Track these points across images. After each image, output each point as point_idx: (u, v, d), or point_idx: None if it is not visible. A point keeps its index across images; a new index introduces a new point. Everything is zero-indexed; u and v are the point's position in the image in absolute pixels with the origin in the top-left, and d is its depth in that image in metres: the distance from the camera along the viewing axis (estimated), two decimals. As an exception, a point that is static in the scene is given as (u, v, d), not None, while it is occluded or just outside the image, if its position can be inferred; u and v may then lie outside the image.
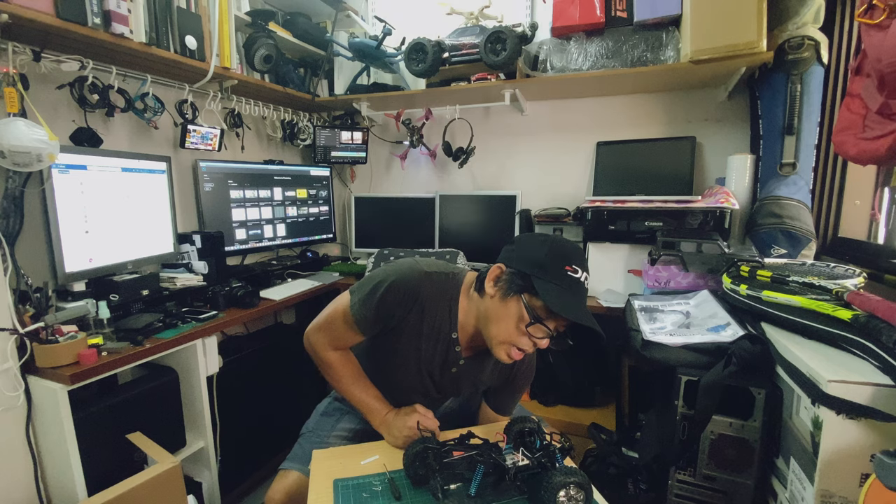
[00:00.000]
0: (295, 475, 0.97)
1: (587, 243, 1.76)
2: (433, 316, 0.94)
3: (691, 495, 1.06)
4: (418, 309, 0.92)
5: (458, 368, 0.98)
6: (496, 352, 0.88)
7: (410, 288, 0.91)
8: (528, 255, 0.85)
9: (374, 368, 1.06)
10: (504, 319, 0.85)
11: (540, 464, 0.76)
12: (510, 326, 0.85)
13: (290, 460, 1.01)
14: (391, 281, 0.90)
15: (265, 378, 1.79)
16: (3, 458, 1.07)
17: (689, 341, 1.09)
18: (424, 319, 0.93)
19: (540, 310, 0.83)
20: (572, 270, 0.82)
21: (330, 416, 1.12)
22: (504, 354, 0.87)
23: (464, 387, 1.03)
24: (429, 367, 0.98)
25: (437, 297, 0.93)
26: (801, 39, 1.40)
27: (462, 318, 0.95)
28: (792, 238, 1.41)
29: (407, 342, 0.95)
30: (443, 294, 0.94)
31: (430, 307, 0.93)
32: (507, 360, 0.88)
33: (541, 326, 0.83)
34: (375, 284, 0.91)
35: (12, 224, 1.17)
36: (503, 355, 0.87)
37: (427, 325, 0.94)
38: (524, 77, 1.80)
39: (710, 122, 1.84)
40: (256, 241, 1.95)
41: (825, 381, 0.76)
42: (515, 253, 0.88)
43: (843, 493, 0.76)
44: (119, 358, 1.13)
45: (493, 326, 0.87)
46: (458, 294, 0.95)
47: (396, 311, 0.91)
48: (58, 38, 1.18)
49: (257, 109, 1.97)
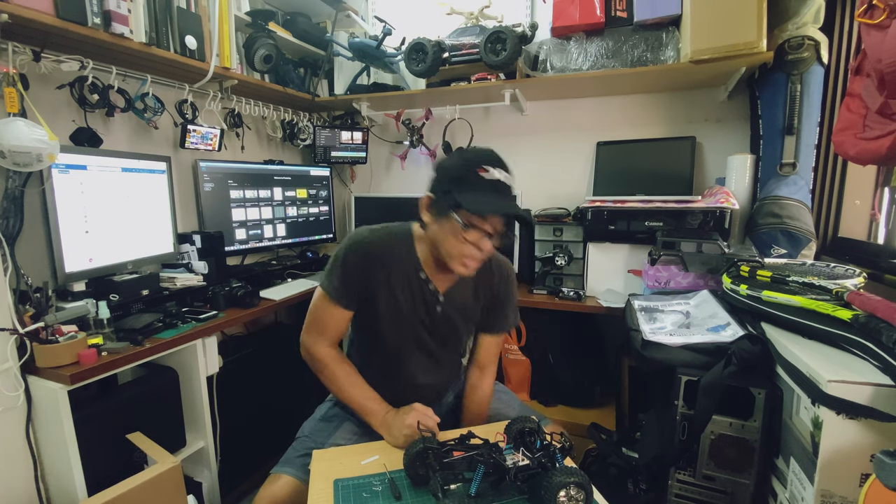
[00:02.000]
0: (285, 479, 0.94)
1: (587, 243, 1.76)
2: (396, 266, 1.01)
3: (691, 495, 1.06)
4: (379, 264, 1.00)
5: (442, 306, 1.05)
6: (453, 267, 0.96)
7: (363, 246, 1.00)
8: (446, 174, 0.94)
9: (368, 351, 1.08)
10: (447, 238, 0.93)
11: (540, 464, 0.76)
12: (453, 241, 0.93)
13: (283, 464, 0.99)
14: (345, 246, 1.00)
15: (265, 378, 1.79)
16: (3, 458, 1.07)
17: (689, 341, 1.09)
18: (391, 272, 1.00)
19: (468, 216, 0.90)
20: (484, 171, 0.89)
21: (329, 421, 1.09)
22: (459, 267, 0.95)
23: (458, 322, 1.08)
24: (416, 316, 1.04)
25: (391, 247, 1.01)
26: (801, 39, 1.40)
27: (423, 258, 1.03)
28: (792, 238, 1.41)
29: (385, 302, 1.01)
30: (394, 243, 1.02)
31: (388, 259, 1.00)
32: (464, 272, 0.96)
33: (474, 231, 0.91)
34: (334, 258, 1.01)
35: (12, 224, 1.16)
36: (459, 268, 0.95)
37: (395, 276, 1.01)
38: (524, 77, 1.80)
39: (710, 122, 1.84)
40: (256, 241, 1.95)
41: (825, 381, 0.76)
42: (436, 177, 0.96)
43: (843, 493, 0.76)
44: (119, 358, 1.13)
45: (441, 248, 0.95)
46: (412, 239, 1.04)
47: (361, 273, 0.99)
48: (58, 38, 1.18)
49: (257, 109, 1.97)
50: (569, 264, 1.81)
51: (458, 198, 0.88)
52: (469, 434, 0.85)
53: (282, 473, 0.96)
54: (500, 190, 0.90)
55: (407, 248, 1.03)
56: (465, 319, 1.09)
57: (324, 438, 1.04)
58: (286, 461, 1.00)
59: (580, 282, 1.80)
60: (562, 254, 1.81)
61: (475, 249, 0.93)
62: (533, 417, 0.90)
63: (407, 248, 1.03)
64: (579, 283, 1.80)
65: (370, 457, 0.89)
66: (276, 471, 0.98)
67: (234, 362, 1.62)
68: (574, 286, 1.79)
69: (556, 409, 1.84)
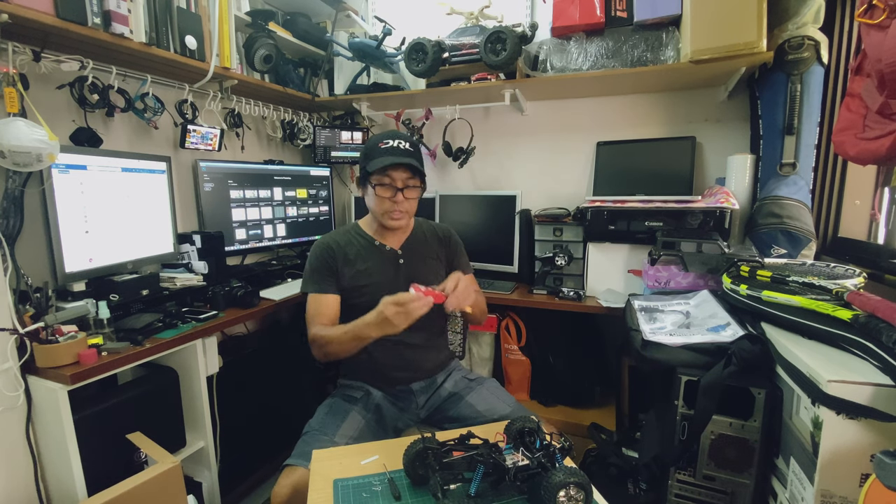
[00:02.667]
0: (301, 471, 0.97)
1: (587, 243, 1.76)
2: (351, 245, 1.25)
3: (691, 495, 1.06)
4: (339, 250, 1.24)
5: (404, 258, 1.27)
6: (385, 223, 1.21)
7: (320, 243, 1.26)
8: (362, 154, 1.24)
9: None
10: (371, 201, 1.21)
11: (540, 464, 0.76)
12: (377, 201, 1.19)
13: (296, 457, 1.02)
14: (310, 256, 1.26)
15: (265, 378, 1.79)
16: (3, 458, 1.07)
17: (689, 341, 1.09)
18: (348, 251, 1.24)
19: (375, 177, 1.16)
20: (384, 144, 1.16)
21: (336, 415, 1.14)
22: (390, 221, 1.20)
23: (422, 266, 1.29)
24: (385, 276, 1.23)
25: (340, 234, 1.29)
26: (801, 39, 1.40)
27: (370, 230, 1.29)
28: (792, 238, 1.41)
29: (355, 274, 1.22)
30: (342, 231, 1.30)
31: (339, 242, 1.25)
32: (395, 224, 1.21)
33: (383, 187, 1.16)
34: (305, 268, 1.26)
35: (12, 224, 1.16)
36: (390, 222, 1.20)
37: (353, 252, 1.24)
38: (524, 77, 1.80)
39: (710, 122, 1.84)
40: (256, 241, 1.95)
41: (825, 381, 0.76)
42: (360, 157, 1.25)
43: (843, 493, 0.76)
44: (119, 358, 1.13)
45: (373, 211, 1.23)
46: (356, 224, 1.31)
47: (324, 262, 1.22)
48: (58, 38, 1.18)
49: (257, 109, 1.97)
50: (569, 264, 1.81)
51: (369, 167, 1.15)
52: (469, 434, 0.85)
53: (297, 465, 0.99)
54: (396, 152, 1.15)
55: (353, 229, 1.29)
56: (428, 260, 1.31)
57: (333, 430, 1.08)
58: (299, 454, 1.02)
59: (580, 282, 1.80)
60: (562, 254, 1.81)
61: (392, 203, 1.17)
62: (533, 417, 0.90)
63: (354, 230, 1.29)
64: (579, 283, 1.80)
65: (370, 457, 0.89)
66: (291, 463, 1.01)
67: (234, 362, 1.62)
68: (574, 286, 1.79)
69: (556, 409, 1.84)
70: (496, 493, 0.77)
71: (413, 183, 1.18)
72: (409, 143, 1.18)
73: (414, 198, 1.21)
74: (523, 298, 1.75)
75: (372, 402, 1.21)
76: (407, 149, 1.16)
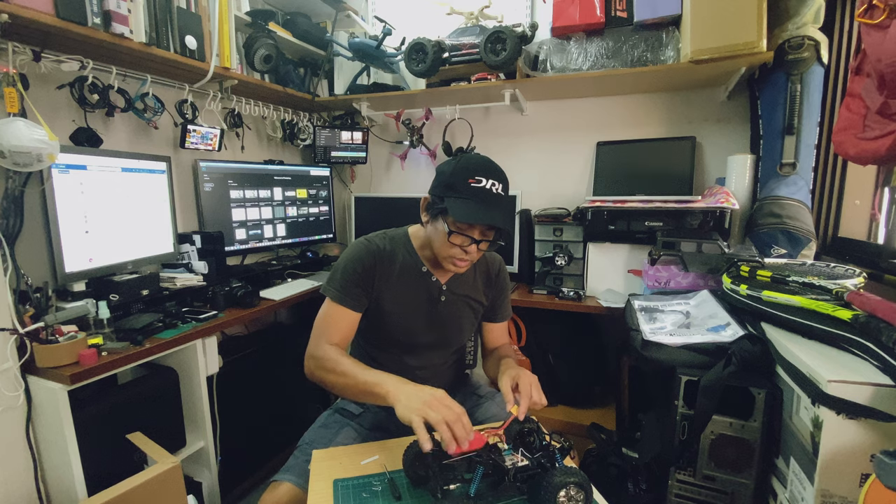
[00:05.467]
0: (287, 487, 0.93)
1: (587, 243, 1.76)
2: (396, 263, 1.06)
3: (691, 495, 1.06)
4: (382, 263, 1.04)
5: (446, 296, 1.10)
6: (445, 265, 1.02)
7: (364, 250, 1.04)
8: (441, 179, 0.97)
9: (374, 349, 1.10)
10: (438, 238, 0.99)
11: (540, 464, 0.76)
12: (443, 242, 0.97)
13: (284, 472, 0.97)
14: (346, 254, 1.05)
15: (265, 378, 1.79)
16: (3, 458, 1.07)
17: (689, 341, 1.09)
18: (391, 268, 1.05)
19: (454, 223, 0.95)
20: (475, 181, 0.93)
21: (329, 427, 1.08)
22: (450, 265, 1.01)
23: (461, 310, 1.13)
24: (421, 308, 1.08)
25: (389, 247, 1.07)
26: (801, 39, 1.40)
27: (422, 254, 1.08)
28: (792, 238, 1.41)
29: (390, 297, 1.06)
30: (393, 244, 1.08)
31: (387, 257, 1.05)
32: (454, 270, 1.02)
33: (459, 237, 0.95)
34: (335, 267, 1.05)
35: (12, 224, 1.17)
36: (450, 266, 1.01)
37: (396, 271, 1.06)
38: (524, 77, 1.80)
39: (710, 122, 1.84)
40: (256, 241, 1.95)
41: (825, 381, 0.76)
42: (434, 181, 1.00)
43: (843, 493, 0.76)
44: (119, 358, 1.13)
45: (434, 246, 1.01)
46: (408, 238, 1.10)
47: (365, 274, 1.03)
48: (58, 38, 1.18)
49: (257, 109, 1.97)
50: (569, 264, 1.81)
51: (447, 204, 0.93)
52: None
53: (283, 481, 0.95)
54: (487, 200, 0.93)
55: (406, 246, 1.09)
56: (468, 307, 1.14)
57: (325, 444, 1.02)
58: (287, 468, 0.98)
59: (580, 282, 1.80)
60: (562, 254, 1.81)
61: (462, 252, 0.98)
62: (533, 417, 0.90)
63: (406, 247, 1.09)
64: (579, 283, 1.80)
65: (370, 457, 0.89)
66: (278, 478, 0.96)
67: (234, 362, 1.62)
68: (574, 286, 1.79)
69: (556, 409, 1.84)
70: (496, 494, 0.76)
71: (493, 237, 0.99)
72: (503, 183, 0.97)
73: (487, 249, 1.02)
74: (523, 298, 1.75)
75: (371, 420, 1.12)
76: (499, 192, 0.95)
